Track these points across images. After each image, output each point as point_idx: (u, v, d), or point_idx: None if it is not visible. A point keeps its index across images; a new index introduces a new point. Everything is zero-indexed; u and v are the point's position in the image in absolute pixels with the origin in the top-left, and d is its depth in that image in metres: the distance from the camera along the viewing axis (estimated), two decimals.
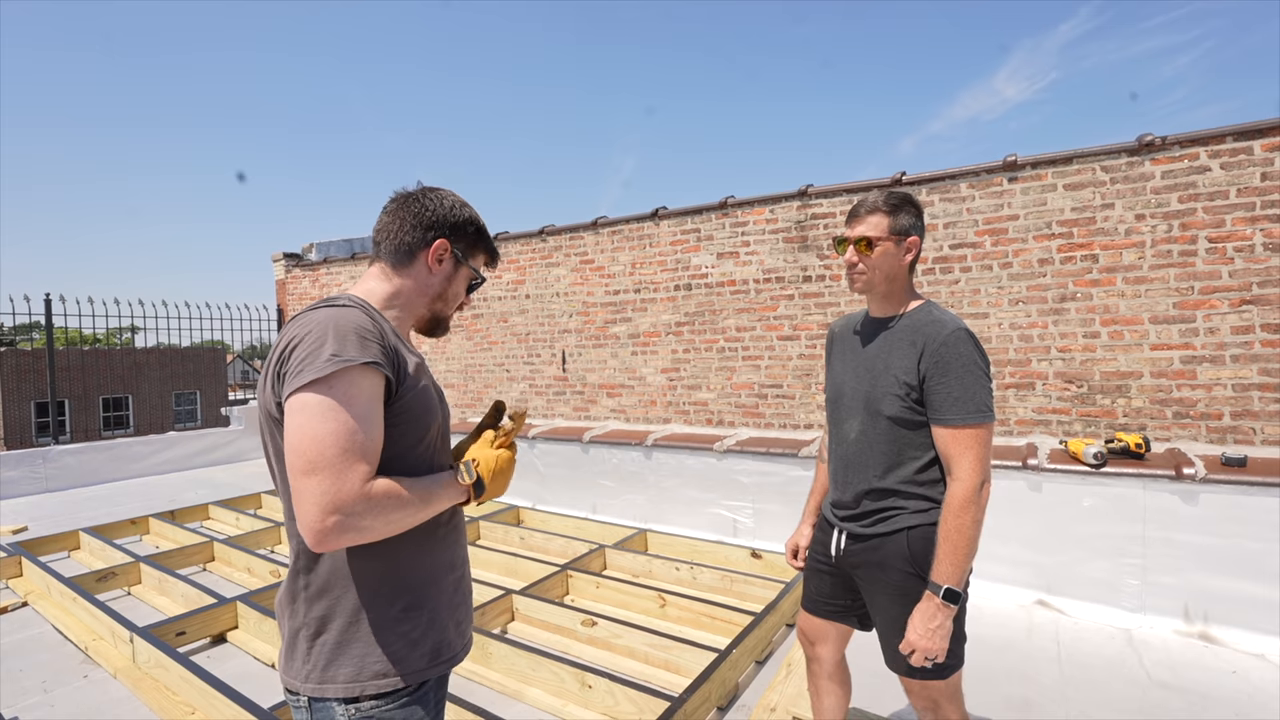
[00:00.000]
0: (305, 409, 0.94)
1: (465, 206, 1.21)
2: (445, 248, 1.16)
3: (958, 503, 1.41)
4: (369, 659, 1.03)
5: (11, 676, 2.75)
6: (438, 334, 1.26)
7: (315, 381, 0.94)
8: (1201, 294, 3.45)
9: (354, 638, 1.04)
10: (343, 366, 0.95)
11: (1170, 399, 3.53)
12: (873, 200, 1.57)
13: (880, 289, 1.59)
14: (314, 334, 0.97)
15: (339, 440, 0.93)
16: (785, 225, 4.73)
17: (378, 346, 1.00)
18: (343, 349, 0.96)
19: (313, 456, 0.92)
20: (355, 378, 0.96)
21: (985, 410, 1.43)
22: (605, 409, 5.66)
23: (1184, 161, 3.46)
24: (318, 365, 0.94)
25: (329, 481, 0.92)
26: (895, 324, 1.58)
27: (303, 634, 1.05)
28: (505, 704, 2.46)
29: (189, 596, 3.36)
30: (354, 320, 1.00)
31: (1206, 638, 2.87)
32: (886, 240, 1.54)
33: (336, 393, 0.94)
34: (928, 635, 1.40)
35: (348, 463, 0.93)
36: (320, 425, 0.93)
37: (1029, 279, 3.88)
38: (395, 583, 1.07)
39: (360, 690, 1.02)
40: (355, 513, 0.93)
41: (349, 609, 1.04)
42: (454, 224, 1.18)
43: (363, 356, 0.97)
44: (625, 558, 3.85)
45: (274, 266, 8.73)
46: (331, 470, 0.92)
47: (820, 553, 1.73)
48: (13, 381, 16.55)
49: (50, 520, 5.20)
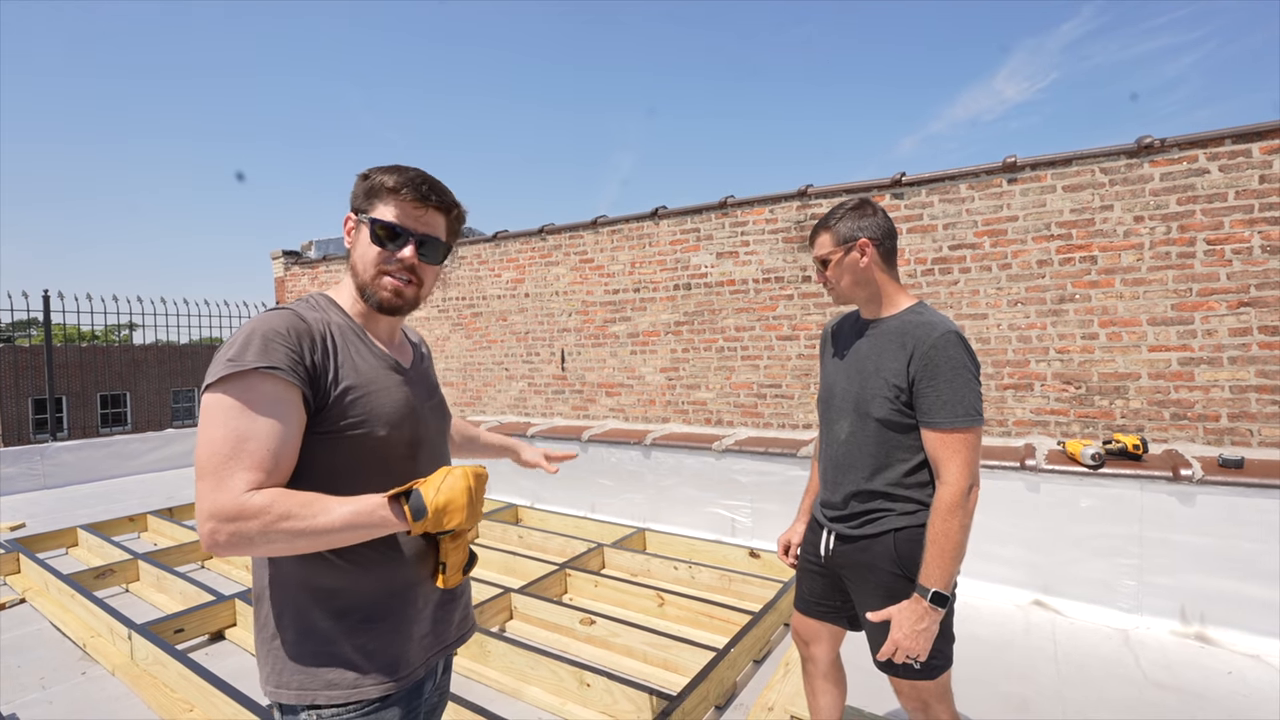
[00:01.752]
0: (203, 412, 0.94)
1: (370, 169, 1.10)
2: (350, 219, 1.10)
3: (945, 506, 1.41)
4: (320, 668, 1.00)
5: (10, 673, 2.75)
6: (377, 308, 1.09)
7: (210, 385, 0.93)
8: (1200, 296, 3.45)
9: (306, 645, 1.01)
10: (235, 370, 0.92)
11: (1168, 400, 3.54)
12: (820, 220, 1.66)
13: (858, 295, 1.62)
14: (231, 339, 0.97)
15: (223, 446, 0.90)
16: (785, 225, 4.74)
17: (286, 351, 0.95)
18: (242, 354, 0.93)
19: (201, 461, 0.91)
20: (253, 383, 0.92)
21: (974, 414, 1.42)
22: (604, 408, 5.66)
23: (1183, 164, 3.47)
24: (215, 369, 0.93)
25: (208, 487, 0.89)
26: (884, 325, 1.58)
27: (262, 635, 1.04)
28: (504, 702, 2.47)
29: (187, 594, 3.36)
30: (271, 324, 0.97)
31: (1203, 638, 2.88)
32: (835, 252, 1.59)
33: (230, 396, 0.92)
34: (913, 636, 1.41)
35: (229, 470, 0.90)
36: (208, 430, 0.92)
37: (1028, 280, 3.89)
38: (351, 593, 1.03)
39: (311, 699, 0.99)
40: (232, 520, 0.88)
41: (301, 615, 1.01)
42: (353, 190, 1.10)
43: (260, 361, 0.93)
44: (624, 557, 3.85)
45: (273, 264, 8.71)
46: (213, 476, 0.90)
47: (811, 553, 1.74)
48: (10, 378, 16.51)
49: (48, 517, 5.20)
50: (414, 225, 1.07)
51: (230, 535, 0.88)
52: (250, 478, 0.90)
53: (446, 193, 1.11)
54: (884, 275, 1.60)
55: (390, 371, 1.10)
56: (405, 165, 1.09)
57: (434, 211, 1.09)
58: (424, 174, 1.09)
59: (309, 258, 8.27)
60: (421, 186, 1.06)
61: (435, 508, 0.96)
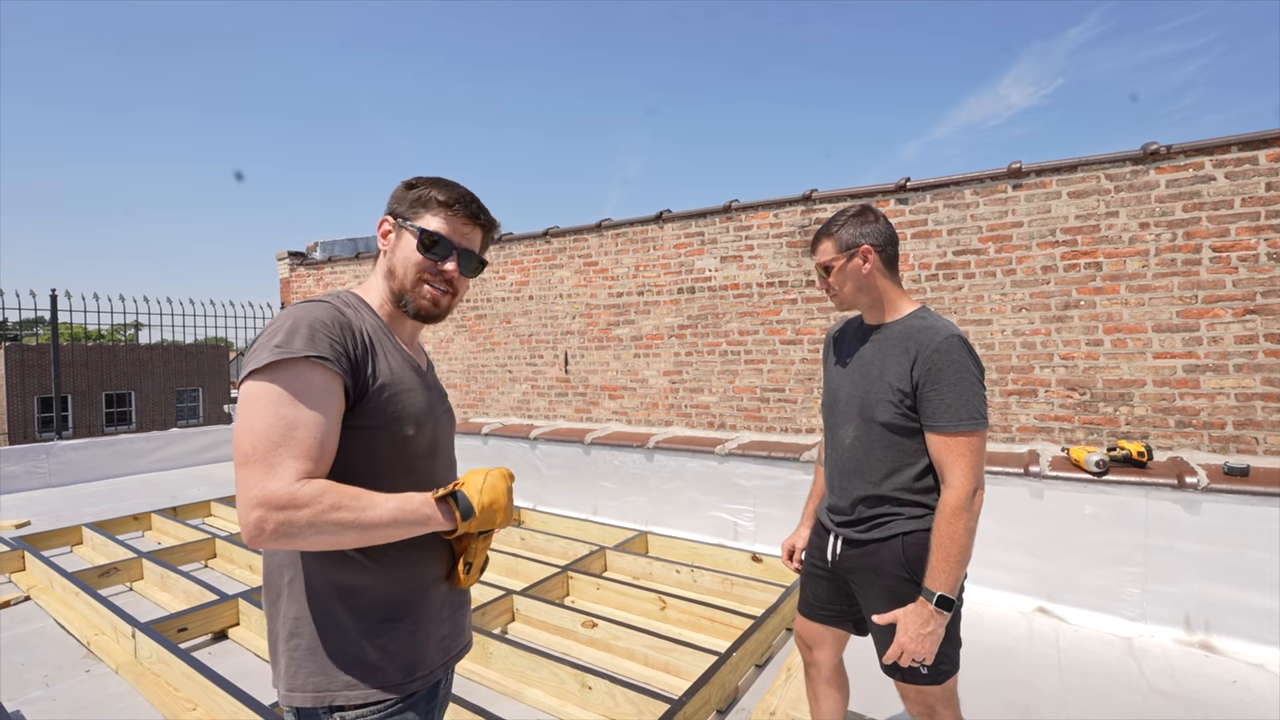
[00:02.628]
0: (246, 399, 0.92)
1: (415, 179, 1.14)
2: (387, 222, 1.12)
3: (950, 510, 1.41)
4: (339, 668, 0.99)
5: (13, 670, 2.77)
6: (418, 316, 1.13)
7: (256, 372, 0.91)
8: (1205, 303, 3.44)
9: (325, 645, 0.99)
10: (283, 357, 0.91)
11: (1173, 408, 3.53)
12: (822, 227, 1.65)
13: (860, 301, 1.62)
14: (273, 326, 0.95)
15: (272, 433, 0.88)
16: (789, 229, 4.74)
17: (330, 342, 0.95)
18: (289, 341, 0.92)
19: (245, 448, 0.88)
20: (301, 371, 0.91)
21: (978, 417, 1.43)
22: (607, 411, 5.66)
23: (1189, 170, 3.47)
24: (261, 355, 0.91)
25: (256, 474, 0.87)
26: (888, 330, 1.59)
27: (280, 635, 1.02)
28: (505, 704, 2.47)
29: (190, 593, 3.37)
30: (315, 314, 0.97)
31: (1207, 647, 2.87)
32: (837, 259, 1.59)
33: (278, 384, 0.90)
34: (918, 640, 1.41)
35: (279, 457, 0.88)
36: (254, 416, 0.90)
37: (1032, 286, 3.88)
38: (375, 592, 1.02)
39: (330, 699, 0.98)
40: (281, 509, 0.86)
41: (321, 614, 0.99)
42: (395, 196, 1.13)
43: (308, 350, 0.92)
44: (626, 560, 3.85)
45: (278, 265, 8.76)
46: (261, 463, 0.87)
47: (816, 557, 1.74)
48: (17, 376, 16.60)
49: (53, 515, 5.23)
50: (458, 239, 1.11)
51: (279, 525, 0.86)
52: (300, 467, 0.89)
53: (489, 212, 1.17)
54: (886, 281, 1.60)
55: (413, 373, 1.11)
56: (449, 180, 1.14)
57: (477, 229, 1.15)
58: (470, 191, 1.15)
59: (314, 259, 8.30)
60: (471, 205, 1.12)
61: (482, 507, 1.01)
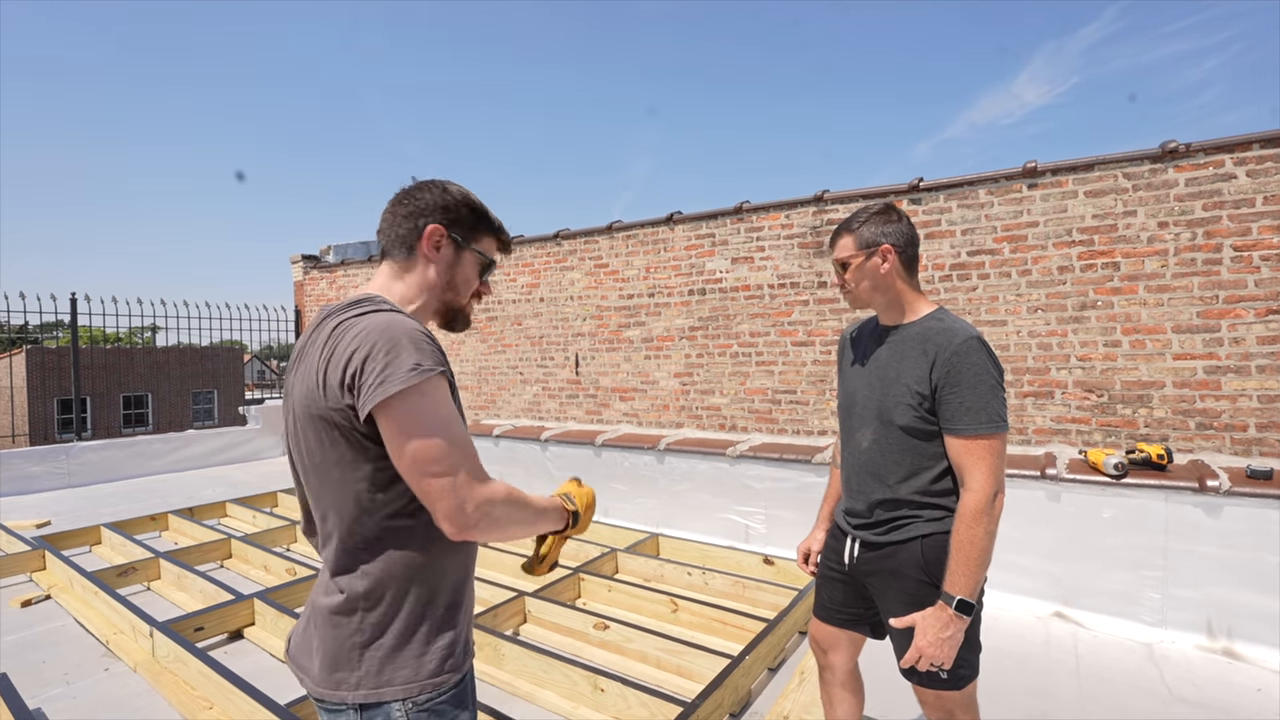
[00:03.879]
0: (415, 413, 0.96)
1: (459, 190, 1.16)
2: (439, 233, 1.12)
3: (970, 513, 1.40)
4: (426, 659, 1.04)
5: (35, 668, 2.81)
6: (457, 328, 1.21)
7: (412, 388, 0.95)
8: (1226, 303, 3.39)
9: (410, 640, 1.04)
10: (425, 377, 0.96)
11: (1193, 410, 3.47)
12: (842, 222, 1.63)
13: (876, 301, 1.60)
14: (390, 345, 0.96)
15: (462, 439, 0.99)
16: (801, 230, 4.72)
17: (438, 349, 1.02)
18: (422, 358, 0.97)
19: (441, 456, 0.96)
20: (438, 383, 0.99)
21: (998, 420, 1.41)
22: (618, 412, 5.66)
23: (1209, 169, 3.41)
24: (411, 375, 0.95)
25: (465, 475, 0.97)
26: (905, 331, 1.57)
27: (354, 641, 1.03)
28: (517, 705, 2.47)
29: (207, 592, 3.41)
30: (413, 326, 1.02)
31: (1230, 654, 2.81)
32: (856, 257, 1.57)
33: (430, 398, 0.97)
34: (937, 644, 1.39)
35: (474, 459, 1.00)
36: (436, 427, 0.97)
37: (1048, 286, 3.84)
38: (443, 583, 1.08)
39: (417, 691, 1.03)
40: (492, 502, 0.99)
41: (406, 613, 1.04)
42: (444, 207, 1.13)
43: (437, 366, 1.00)
44: (637, 562, 3.85)
45: (292, 268, 8.85)
46: (466, 465, 0.98)
47: (833, 560, 1.72)
48: (38, 378, 16.90)
49: (73, 515, 5.30)
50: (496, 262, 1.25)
51: (487, 517, 0.99)
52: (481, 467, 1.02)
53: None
54: (904, 283, 1.58)
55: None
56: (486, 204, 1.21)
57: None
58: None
59: (327, 262, 8.38)
60: (508, 236, 1.25)
61: (584, 520, 1.25)
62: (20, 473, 6.11)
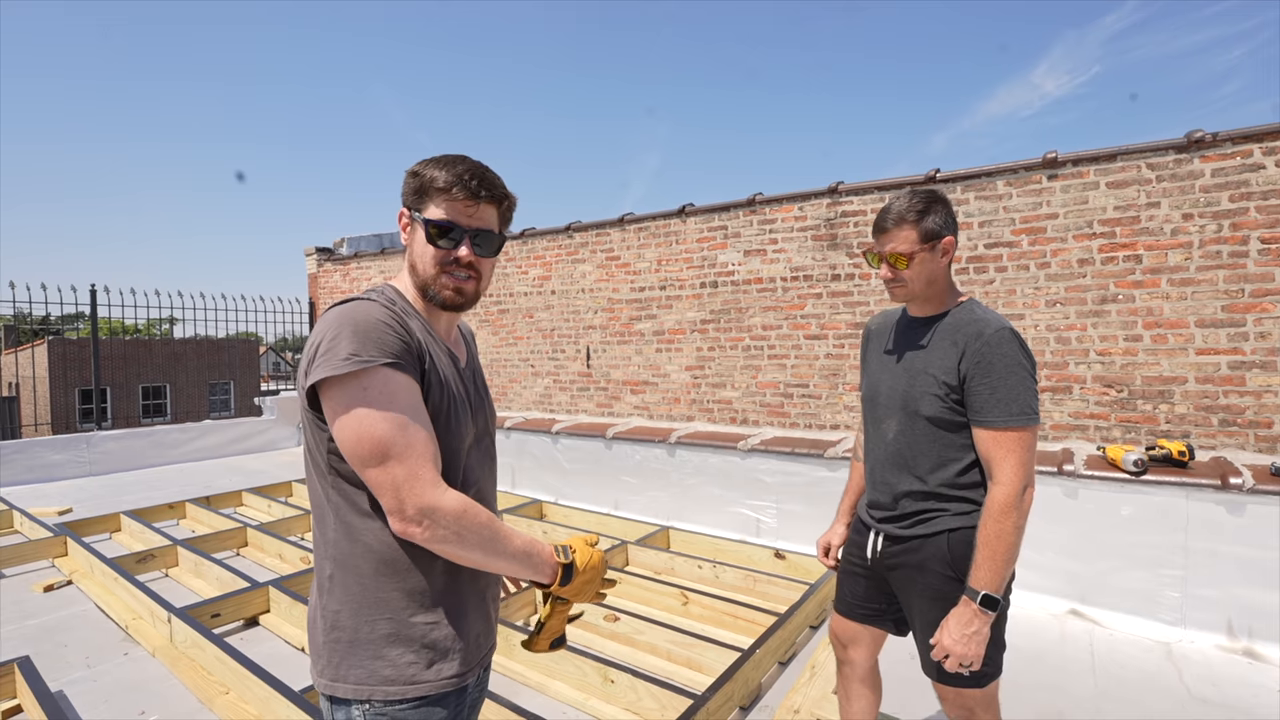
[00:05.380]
0: (348, 408, 0.93)
1: (418, 165, 1.07)
2: (404, 215, 1.09)
3: (998, 507, 1.37)
4: (380, 664, 0.99)
5: (57, 652, 2.86)
6: (438, 305, 1.09)
7: (343, 378, 0.92)
8: (1253, 297, 3.31)
9: (366, 639, 1.00)
10: (362, 367, 0.92)
11: (1216, 406, 3.40)
12: (898, 210, 1.49)
13: (927, 293, 1.55)
14: (333, 330, 0.95)
15: (404, 435, 0.93)
16: (815, 223, 4.67)
17: (397, 341, 0.96)
18: (362, 348, 0.93)
19: (375, 451, 0.92)
20: (384, 375, 0.94)
21: (1029, 412, 1.38)
22: (629, 405, 5.66)
23: (1236, 159, 3.33)
24: (333, 363, 0.92)
25: (405, 474, 0.93)
26: (937, 324, 1.53)
27: (320, 626, 1.03)
28: (529, 695, 2.48)
29: (223, 580, 3.46)
30: (368, 314, 0.97)
31: (1251, 654, 2.76)
32: (920, 249, 1.48)
33: (372, 390, 0.93)
34: (963, 641, 1.37)
35: (423, 460, 0.94)
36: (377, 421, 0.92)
37: (1067, 280, 3.77)
38: (417, 591, 1.01)
39: (369, 694, 0.99)
40: (438, 510, 0.94)
41: (365, 609, 1.00)
42: (404, 191, 1.08)
43: (381, 357, 0.94)
44: (647, 554, 3.85)
45: (306, 260, 8.91)
46: (410, 464, 0.93)
47: (856, 555, 1.70)
48: (59, 369, 17.20)
49: (93, 503, 5.40)
50: (466, 222, 1.05)
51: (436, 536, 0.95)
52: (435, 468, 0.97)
53: (496, 184, 1.08)
54: (949, 274, 1.56)
55: (453, 367, 1.10)
56: (452, 157, 1.06)
57: (485, 205, 1.07)
58: (472, 166, 1.06)
59: (341, 254, 8.43)
60: (471, 183, 1.03)
61: (582, 571, 1.08)
62: (43, 461, 6.24)
